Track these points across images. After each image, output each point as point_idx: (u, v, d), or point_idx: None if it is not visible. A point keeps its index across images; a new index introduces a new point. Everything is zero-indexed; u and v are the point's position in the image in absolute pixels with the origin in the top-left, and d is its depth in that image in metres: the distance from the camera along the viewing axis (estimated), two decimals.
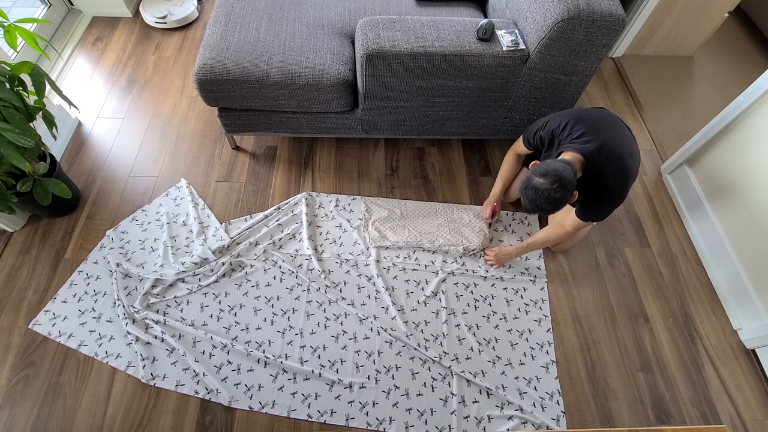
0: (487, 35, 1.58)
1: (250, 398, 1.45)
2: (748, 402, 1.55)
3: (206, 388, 1.46)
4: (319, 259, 1.74)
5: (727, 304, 1.74)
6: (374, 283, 1.69)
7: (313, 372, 1.49)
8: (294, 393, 1.46)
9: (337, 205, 1.90)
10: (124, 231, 1.78)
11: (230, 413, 1.43)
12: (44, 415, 1.40)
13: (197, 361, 1.49)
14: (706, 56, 2.68)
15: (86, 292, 1.63)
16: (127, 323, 1.55)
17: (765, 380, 1.59)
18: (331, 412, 1.44)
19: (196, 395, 1.45)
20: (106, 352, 1.51)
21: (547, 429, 1.44)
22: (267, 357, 1.51)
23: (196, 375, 1.48)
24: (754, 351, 1.65)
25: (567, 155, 1.37)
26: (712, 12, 2.35)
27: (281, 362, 1.50)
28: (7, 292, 1.62)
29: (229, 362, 1.51)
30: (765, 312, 1.59)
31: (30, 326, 1.55)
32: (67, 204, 1.79)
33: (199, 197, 1.89)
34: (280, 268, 1.71)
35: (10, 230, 1.75)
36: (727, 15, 2.37)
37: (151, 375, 1.48)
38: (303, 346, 1.55)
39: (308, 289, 1.67)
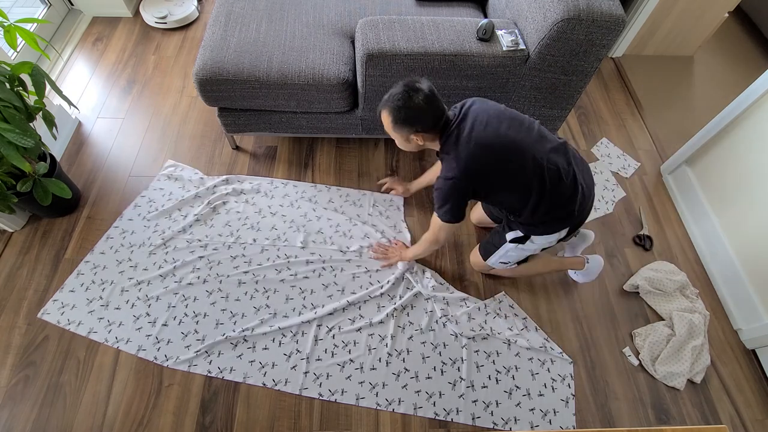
0: (487, 35, 1.58)
1: (264, 375, 1.49)
2: (748, 402, 1.55)
3: (219, 368, 1.50)
4: (348, 260, 1.75)
5: (727, 305, 1.74)
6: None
7: (326, 351, 1.54)
8: (306, 372, 1.50)
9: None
10: (129, 218, 1.82)
11: (230, 413, 1.43)
12: (44, 415, 1.40)
13: (215, 340, 1.54)
14: (706, 56, 2.68)
15: (93, 282, 1.65)
16: (150, 304, 1.60)
17: (765, 380, 1.59)
18: (342, 392, 1.47)
19: (209, 374, 1.49)
20: (116, 338, 1.54)
21: (551, 425, 1.45)
22: (283, 334, 1.56)
23: (209, 355, 1.52)
24: (754, 351, 1.65)
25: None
26: (712, 12, 2.35)
27: (297, 340, 1.56)
28: (7, 292, 1.62)
29: (245, 340, 1.55)
30: (765, 312, 1.59)
31: (39, 315, 1.57)
32: (67, 204, 1.79)
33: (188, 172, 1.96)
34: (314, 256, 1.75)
35: (10, 230, 1.75)
36: (727, 15, 2.37)
37: (165, 356, 1.51)
38: (320, 326, 1.59)
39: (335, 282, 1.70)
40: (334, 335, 1.57)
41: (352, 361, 1.53)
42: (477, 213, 1.83)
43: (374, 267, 1.72)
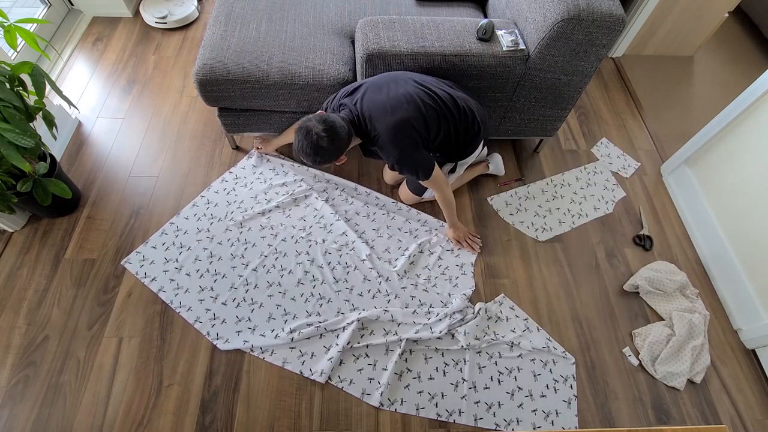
0: (487, 35, 1.58)
1: (302, 364, 1.52)
2: (748, 402, 1.55)
3: (261, 348, 1.55)
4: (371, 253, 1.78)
5: (726, 305, 1.74)
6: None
7: (332, 347, 1.55)
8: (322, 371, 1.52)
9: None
10: (216, 191, 1.90)
11: (230, 413, 1.43)
12: (44, 415, 1.40)
13: (273, 332, 1.57)
14: (706, 56, 2.68)
15: (174, 243, 1.75)
16: (215, 279, 1.66)
17: (765, 380, 1.59)
18: (350, 381, 1.50)
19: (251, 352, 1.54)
20: (180, 303, 1.61)
21: (553, 425, 1.45)
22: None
23: (262, 352, 1.54)
24: (754, 351, 1.65)
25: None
26: (712, 12, 2.35)
27: (320, 334, 1.59)
28: (7, 292, 1.62)
29: (291, 348, 1.56)
30: (765, 312, 1.59)
31: (122, 263, 1.69)
32: (67, 204, 1.79)
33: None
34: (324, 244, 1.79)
35: (10, 230, 1.75)
36: (727, 15, 2.37)
37: (217, 335, 1.56)
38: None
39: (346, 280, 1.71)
40: (338, 335, 1.57)
41: (357, 357, 1.54)
42: (389, 174, 1.96)
43: (428, 301, 1.68)
